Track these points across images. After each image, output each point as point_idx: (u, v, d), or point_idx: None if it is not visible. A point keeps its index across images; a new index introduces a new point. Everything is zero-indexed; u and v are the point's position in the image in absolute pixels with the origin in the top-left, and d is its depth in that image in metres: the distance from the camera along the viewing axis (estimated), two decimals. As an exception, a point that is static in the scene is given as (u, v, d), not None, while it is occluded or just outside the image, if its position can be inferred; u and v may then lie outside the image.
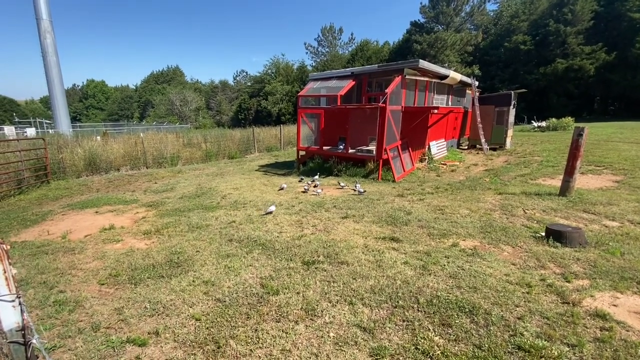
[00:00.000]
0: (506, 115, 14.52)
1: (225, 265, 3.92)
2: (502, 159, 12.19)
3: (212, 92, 73.10)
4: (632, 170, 8.47)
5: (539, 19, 36.61)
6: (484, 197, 6.58)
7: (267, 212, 6.21)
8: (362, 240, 4.62)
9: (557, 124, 21.59)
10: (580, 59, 33.07)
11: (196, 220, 5.95)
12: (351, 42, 57.84)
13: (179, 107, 58.88)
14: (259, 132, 20.00)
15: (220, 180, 10.25)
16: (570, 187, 6.19)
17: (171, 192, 8.98)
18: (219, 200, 7.55)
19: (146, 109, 72.11)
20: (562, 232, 4.20)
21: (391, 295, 3.11)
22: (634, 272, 3.43)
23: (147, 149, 14.04)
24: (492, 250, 4.17)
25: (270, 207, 6.34)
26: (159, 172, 12.45)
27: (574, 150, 6.03)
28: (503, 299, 2.98)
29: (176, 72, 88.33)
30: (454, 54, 38.23)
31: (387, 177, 9.56)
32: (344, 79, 11.23)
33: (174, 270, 3.91)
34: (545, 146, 14.11)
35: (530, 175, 8.92)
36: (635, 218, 5.04)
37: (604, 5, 34.59)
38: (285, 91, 48.64)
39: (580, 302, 2.93)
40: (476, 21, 42.44)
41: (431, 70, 11.14)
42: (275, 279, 3.54)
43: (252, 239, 4.77)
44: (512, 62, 37.37)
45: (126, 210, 7.19)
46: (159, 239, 5.18)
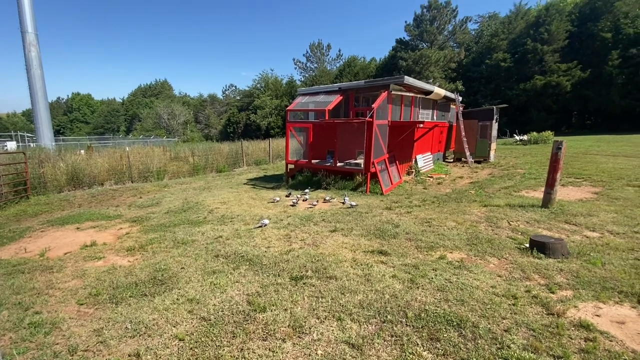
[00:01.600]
0: (489, 129, 14.96)
1: (211, 282, 3.83)
2: (486, 172, 12.47)
3: (201, 105, 73.02)
4: (609, 182, 8.78)
5: (518, 38, 38.37)
6: (469, 210, 6.69)
7: (260, 226, 6.22)
8: (350, 254, 4.61)
9: (537, 137, 22.35)
10: (557, 76, 34.63)
11: (182, 235, 5.83)
12: (339, 58, 59.12)
13: (167, 120, 58.46)
14: (247, 145, 19.98)
15: (208, 194, 10.13)
16: (551, 199, 6.36)
17: (157, 206, 8.80)
18: (205, 215, 7.43)
19: (133, 122, 71.31)
20: (546, 244, 4.28)
21: (380, 310, 3.09)
22: (615, 282, 3.51)
23: (133, 163, 13.80)
24: (478, 262, 4.21)
25: (264, 221, 6.36)
26: (144, 186, 12.22)
27: (553, 163, 6.24)
28: (490, 312, 3.00)
29: (164, 86, 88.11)
30: (438, 70, 39.47)
31: (375, 190, 9.64)
32: (331, 94, 11.41)
33: (158, 288, 3.80)
34: (527, 159, 14.54)
35: (514, 187, 9.15)
36: (614, 229, 5.19)
37: (577, 25, 36.59)
38: (274, 105, 49.00)
39: (565, 313, 2.97)
40: (458, 39, 44.15)
41: (416, 86, 11.45)
42: (263, 295, 3.47)
43: (239, 254, 4.69)
44: (494, 78, 38.83)
45: (109, 226, 6.99)
46: (142, 255, 5.04)
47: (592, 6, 36.43)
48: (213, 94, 77.30)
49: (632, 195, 7.37)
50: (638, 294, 3.25)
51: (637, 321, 2.88)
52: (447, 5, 42.17)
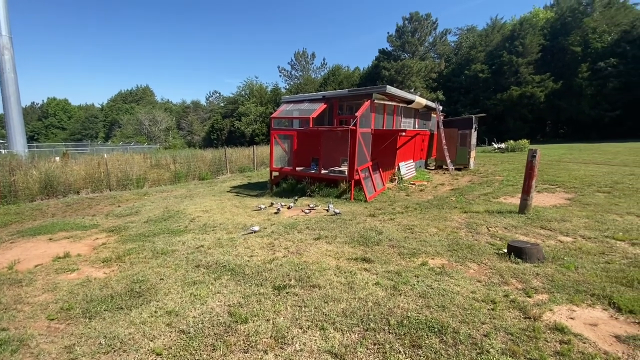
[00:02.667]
0: (469, 137, 15.41)
1: (191, 294, 3.73)
2: (466, 179, 12.81)
3: (184, 112, 71.93)
4: (581, 188, 9.19)
5: (494, 50, 39.99)
6: (450, 216, 6.83)
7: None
8: (334, 262, 4.60)
9: (514, 145, 23.18)
10: (531, 87, 36.20)
11: (161, 245, 5.67)
12: (323, 67, 59.83)
13: (148, 127, 57.20)
14: (231, 152, 19.77)
15: (189, 202, 9.92)
16: (528, 205, 6.59)
17: (135, 215, 8.54)
18: (187, 224, 7.27)
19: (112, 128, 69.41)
20: (522, 249, 4.42)
21: (362, 318, 3.09)
22: (588, 285, 3.65)
23: (111, 171, 13.39)
24: (459, 268, 4.29)
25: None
26: (123, 194, 11.85)
27: (529, 171, 6.48)
28: (470, 317, 3.05)
29: (146, 92, 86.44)
30: (420, 80, 40.52)
31: (359, 197, 9.71)
32: (315, 102, 11.49)
33: (135, 300, 3.66)
34: (505, 166, 15.03)
35: (493, 194, 9.42)
36: (586, 233, 5.41)
37: (549, 39, 38.52)
38: (259, 112, 48.85)
39: (541, 317, 3.06)
40: (439, 50, 45.58)
41: (398, 95, 11.70)
42: (244, 306, 3.40)
43: (221, 264, 4.60)
44: (473, 88, 40.18)
45: (84, 236, 6.73)
46: (119, 266, 4.86)
47: (563, 21, 38.51)
48: (196, 100, 76.32)
49: (602, 200, 7.72)
50: (609, 297, 3.38)
51: (609, 323, 2.99)
52: (428, 18, 43.58)
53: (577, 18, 37.26)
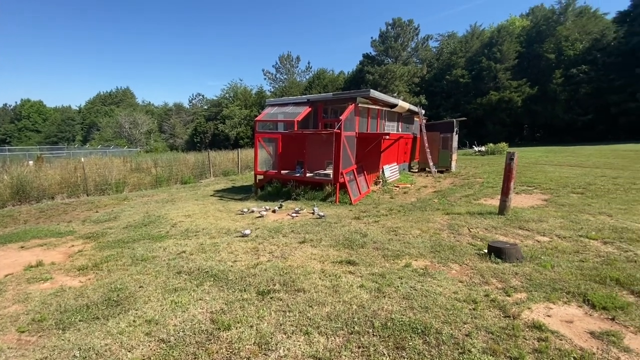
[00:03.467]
0: (450, 140, 15.77)
1: (172, 301, 3.62)
2: (448, 181, 13.08)
3: (166, 114, 70.52)
4: (557, 189, 9.54)
5: (474, 56, 41.22)
6: (433, 218, 6.95)
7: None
8: (319, 265, 4.58)
9: (494, 148, 23.89)
10: (509, 92, 37.49)
11: (141, 251, 5.50)
12: (308, 71, 60.04)
13: (129, 129, 55.76)
14: (215, 155, 19.49)
15: (171, 207, 9.69)
16: (507, 206, 6.78)
17: (114, 221, 8.27)
18: (168, 229, 7.09)
19: (91, 131, 67.24)
20: (502, 249, 4.54)
21: (347, 321, 3.08)
22: (563, 283, 3.77)
23: (89, 175, 12.95)
24: (441, 269, 4.36)
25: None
26: (101, 199, 11.47)
27: (507, 173, 6.67)
28: (452, 317, 3.10)
29: (126, 94, 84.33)
30: (403, 85, 41.25)
31: (345, 200, 9.74)
32: (300, 106, 11.50)
33: (112, 309, 3.53)
34: (486, 168, 15.46)
35: (474, 195, 9.65)
36: (561, 233, 5.61)
37: (525, 46, 40.05)
38: (243, 115, 48.44)
39: (520, 315, 3.14)
40: (421, 56, 46.58)
41: (381, 99, 11.86)
42: (227, 312, 3.34)
43: (204, 270, 4.50)
44: (454, 93, 41.23)
45: (59, 243, 6.46)
46: (96, 275, 4.69)
47: (538, 29, 40.14)
48: (179, 103, 74.99)
49: (576, 201, 8.04)
50: (583, 294, 3.51)
51: (584, 319, 3.10)
52: (410, 24, 44.52)
53: (551, 26, 38.94)
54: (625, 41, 34.58)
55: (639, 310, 3.16)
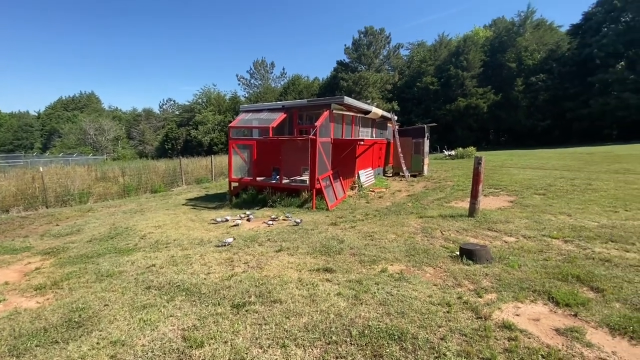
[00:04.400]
0: (422, 145, 16.26)
1: (140, 319, 3.43)
2: (421, 185, 13.45)
3: (135, 120, 67.78)
4: (521, 191, 10.06)
5: (442, 64, 42.99)
6: (407, 221, 7.09)
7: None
8: (296, 274, 4.52)
9: (463, 152, 24.89)
10: (476, 99, 39.37)
11: (107, 266, 5.19)
12: (283, 76, 60.00)
13: (94, 136, 52.99)
14: (187, 162, 18.91)
15: (140, 217, 9.26)
16: (476, 209, 7.05)
17: (77, 234, 7.77)
18: (136, 242, 6.75)
19: (51, 138, 63.17)
20: (473, 251, 4.69)
21: (325, 331, 3.05)
22: (530, 282, 3.95)
23: (49, 185, 12.13)
24: (416, 272, 4.44)
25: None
26: (62, 211, 10.76)
27: (475, 177, 6.96)
28: (427, 321, 3.15)
29: (91, 99, 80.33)
30: (376, 91, 42.21)
31: (321, 206, 9.74)
32: (275, 112, 11.43)
33: (73, 332, 3.28)
34: (456, 172, 16.05)
35: (445, 199, 9.97)
36: (527, 233, 5.90)
37: (489, 55, 42.30)
38: (217, 121, 47.49)
39: (491, 316, 3.24)
40: (393, 63, 47.94)
41: (355, 106, 12.04)
42: (200, 328, 3.20)
43: (175, 283, 4.31)
44: (424, 99, 42.72)
45: (13, 261, 5.97)
46: (55, 294, 4.36)
47: (500, 40, 42.59)
48: (149, 108, 72.25)
49: (539, 202, 8.51)
50: (548, 292, 3.69)
51: (549, 317, 3.25)
52: (382, 32, 45.78)
53: (512, 37, 41.45)
54: (578, 52, 37.46)
55: (598, 305, 3.36)
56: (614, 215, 6.83)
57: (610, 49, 34.66)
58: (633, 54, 33.92)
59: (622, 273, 4.06)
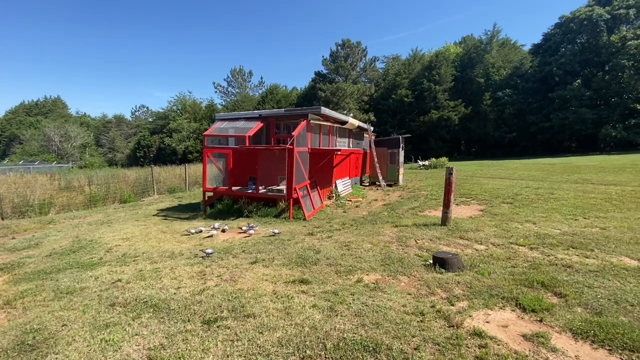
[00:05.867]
0: (397, 156, 16.66)
1: (102, 339, 3.21)
2: (397, 194, 13.71)
3: (104, 127, 65.05)
4: (490, 200, 10.48)
5: (416, 78, 44.61)
6: (383, 230, 7.17)
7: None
8: (271, 287, 4.43)
9: (436, 162, 25.74)
10: (447, 111, 41.04)
11: (67, 283, 4.85)
12: (261, 85, 59.90)
13: (58, 143, 50.21)
14: (159, 171, 18.28)
15: (107, 229, 8.79)
16: (448, 218, 7.26)
17: (35, 248, 7.24)
18: (101, 255, 6.38)
19: (11, 145, 59.16)
20: (445, 259, 4.80)
21: (299, 346, 2.98)
22: (499, 289, 4.08)
23: (5, 195, 11.30)
24: (391, 282, 4.47)
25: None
26: (20, 223, 10.02)
27: (447, 187, 7.18)
28: (402, 331, 3.16)
29: (57, 103, 76.42)
30: (353, 102, 43.03)
31: (298, 216, 9.67)
32: (252, 121, 11.34)
33: (26, 356, 3.02)
34: (429, 182, 16.53)
35: (419, 207, 10.21)
36: (496, 241, 6.13)
37: (460, 70, 44.41)
38: (192, 129, 46.47)
39: (462, 324, 3.31)
40: (369, 75, 49.17)
41: (332, 116, 12.18)
42: (168, 347, 3.04)
43: (142, 299, 4.09)
44: (399, 111, 44.00)
45: (-41, 279, 5.44)
46: (8, 314, 4.01)
47: (469, 56, 44.88)
48: (120, 114, 69.62)
49: (507, 211, 8.90)
50: (515, 298, 3.82)
51: (517, 323, 3.36)
52: (358, 45, 46.97)
53: (480, 54, 43.84)
54: (539, 69, 40.15)
55: (561, 310, 3.52)
56: (574, 223, 7.25)
57: (567, 68, 37.47)
58: (588, 73, 36.81)
59: (582, 278, 4.29)
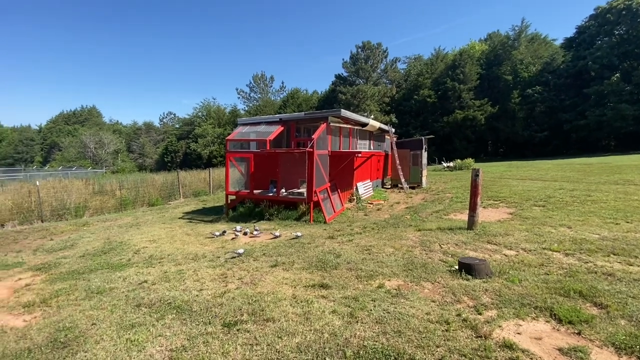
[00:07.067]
0: (420, 157, 16.26)
1: (128, 339, 3.30)
2: (420, 197, 13.37)
3: (135, 134, 68.22)
4: (520, 203, 9.97)
5: (439, 77, 43.52)
6: (405, 234, 6.99)
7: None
8: (290, 291, 4.41)
9: (461, 164, 24.90)
10: (473, 111, 39.68)
11: (98, 283, 5.07)
12: (282, 90, 60.69)
13: (94, 149, 53.17)
14: (185, 175, 18.88)
15: (135, 231, 9.14)
16: (475, 221, 6.96)
17: (70, 249, 7.65)
18: (130, 257, 6.63)
19: (52, 152, 63.35)
20: (472, 265, 4.58)
21: (318, 352, 2.93)
22: (531, 298, 3.83)
23: (45, 199, 12.04)
24: (414, 288, 4.32)
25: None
26: (58, 226, 10.64)
27: (473, 189, 6.89)
28: (425, 341, 3.03)
29: (92, 113, 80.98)
30: (374, 104, 42.59)
31: (319, 219, 9.64)
32: (272, 125, 11.46)
33: (58, 353, 3.16)
34: (454, 184, 16.00)
35: (444, 211, 9.88)
36: (527, 246, 5.80)
37: (485, 68, 42.90)
38: (216, 134, 47.74)
39: (491, 334, 3.12)
40: (390, 77, 48.49)
41: (352, 118, 12.09)
42: (189, 349, 3.08)
43: (166, 301, 4.19)
44: (422, 112, 43.05)
45: (4, 277, 5.84)
46: (44, 312, 4.23)
47: (495, 53, 43.27)
48: (149, 121, 72.79)
49: (539, 214, 8.42)
50: (550, 308, 3.57)
51: (552, 335, 3.13)
52: (379, 47, 46.51)
53: (507, 51, 42.14)
54: (572, 64, 38.02)
55: (602, 323, 3.25)
56: (615, 228, 6.73)
57: (604, 61, 35.21)
58: (628, 66, 34.43)
59: (626, 288, 3.95)
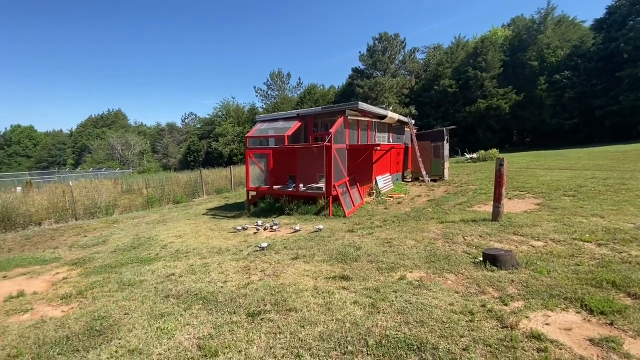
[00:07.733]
0: (441, 149, 15.88)
1: (158, 328, 3.46)
2: (442, 189, 13.08)
3: (159, 135, 70.58)
4: (549, 193, 9.57)
5: (460, 66, 42.17)
6: (427, 227, 6.88)
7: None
8: (312, 282, 4.46)
9: (485, 155, 24.13)
10: (496, 99, 38.23)
11: (129, 276, 5.32)
12: (299, 86, 60.86)
13: (121, 151, 55.53)
14: (207, 173, 19.37)
15: (162, 227, 9.50)
16: (500, 212, 6.75)
17: (103, 245, 8.05)
18: (157, 251, 6.91)
19: (82, 154, 66.75)
20: (497, 256, 4.46)
21: (340, 341, 2.95)
22: (560, 289, 3.69)
23: (78, 199, 12.71)
24: (437, 280, 4.26)
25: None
26: (90, 223, 11.22)
27: (498, 179, 6.67)
28: (449, 331, 2.99)
29: (118, 115, 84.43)
30: (393, 96, 41.89)
31: (338, 213, 9.65)
32: (290, 120, 11.54)
33: (94, 340, 3.36)
34: (478, 175, 15.54)
35: (467, 203, 9.63)
36: (555, 237, 5.57)
37: (509, 55, 41.15)
38: (236, 132, 48.67)
39: (518, 325, 3.04)
40: (409, 67, 47.51)
41: (370, 111, 11.96)
42: (215, 337, 3.19)
43: (193, 292, 4.34)
44: (443, 102, 41.92)
45: (43, 271, 6.23)
46: (80, 303, 4.49)
47: (520, 38, 41.39)
48: (172, 122, 75.09)
49: (568, 204, 8.05)
50: (581, 299, 3.43)
51: (582, 326, 3.02)
52: (396, 38, 45.61)
53: (532, 35, 40.20)
54: (603, 47, 35.77)
55: (636, 313, 3.09)
56: (653, 216, 6.34)
57: (638, 42, 32.90)
58: (666, 46, 32.04)
59: (664, 278, 3.73)
